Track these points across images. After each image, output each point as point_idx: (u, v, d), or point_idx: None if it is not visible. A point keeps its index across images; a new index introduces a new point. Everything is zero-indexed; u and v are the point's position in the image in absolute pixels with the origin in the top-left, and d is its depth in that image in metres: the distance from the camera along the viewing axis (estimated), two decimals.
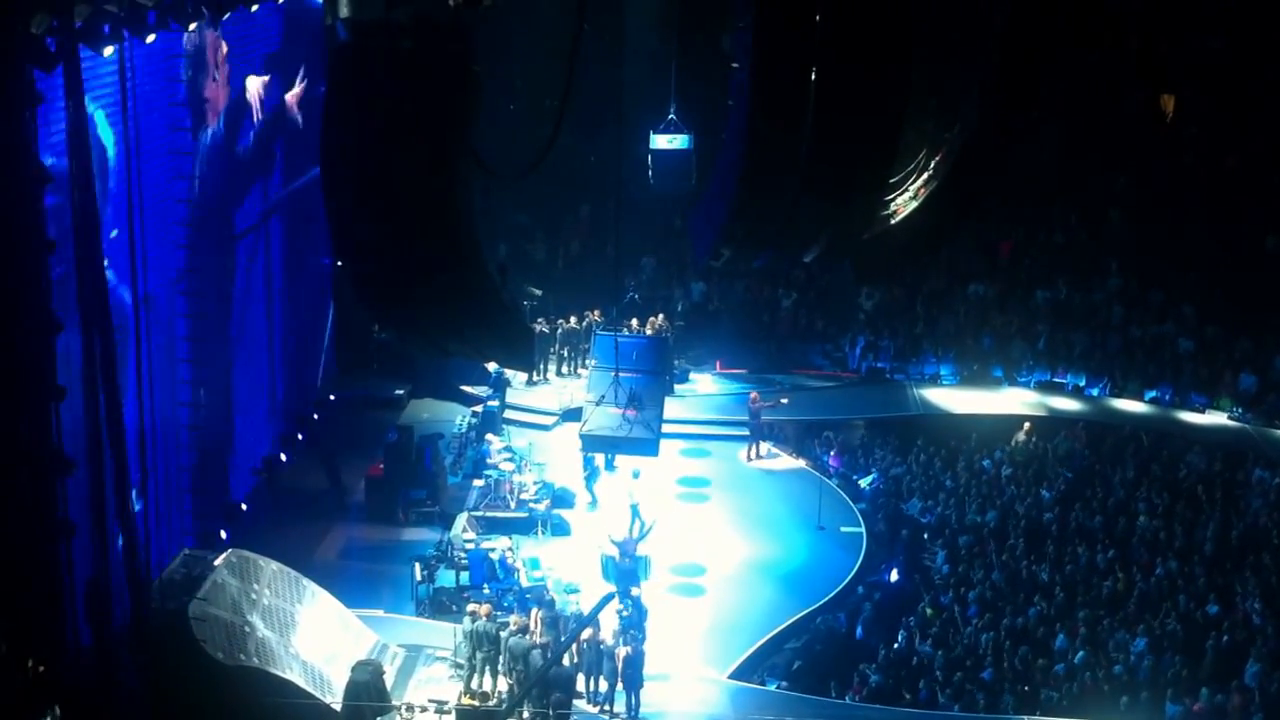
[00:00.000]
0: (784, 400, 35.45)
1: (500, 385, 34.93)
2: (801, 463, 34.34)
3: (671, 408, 31.59)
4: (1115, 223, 42.46)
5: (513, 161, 18.49)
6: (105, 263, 16.55)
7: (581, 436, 27.02)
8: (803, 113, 17.16)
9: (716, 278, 41.20)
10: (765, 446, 34.68)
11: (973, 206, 23.53)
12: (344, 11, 18.10)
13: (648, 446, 26.90)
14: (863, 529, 31.18)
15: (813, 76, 16.91)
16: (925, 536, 31.15)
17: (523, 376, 36.09)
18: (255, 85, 26.42)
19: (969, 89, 21.49)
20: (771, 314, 41.87)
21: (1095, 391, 38.07)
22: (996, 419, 36.63)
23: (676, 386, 36.50)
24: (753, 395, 35.04)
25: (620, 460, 31.00)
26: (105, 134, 20.89)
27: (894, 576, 29.32)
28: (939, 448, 35.03)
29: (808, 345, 41.07)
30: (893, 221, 21.69)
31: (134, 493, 16.66)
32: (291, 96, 29.89)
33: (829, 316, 41.67)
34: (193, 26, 20.82)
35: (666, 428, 28.71)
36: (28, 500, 15.26)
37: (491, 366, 33.85)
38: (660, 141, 28.18)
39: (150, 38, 18.79)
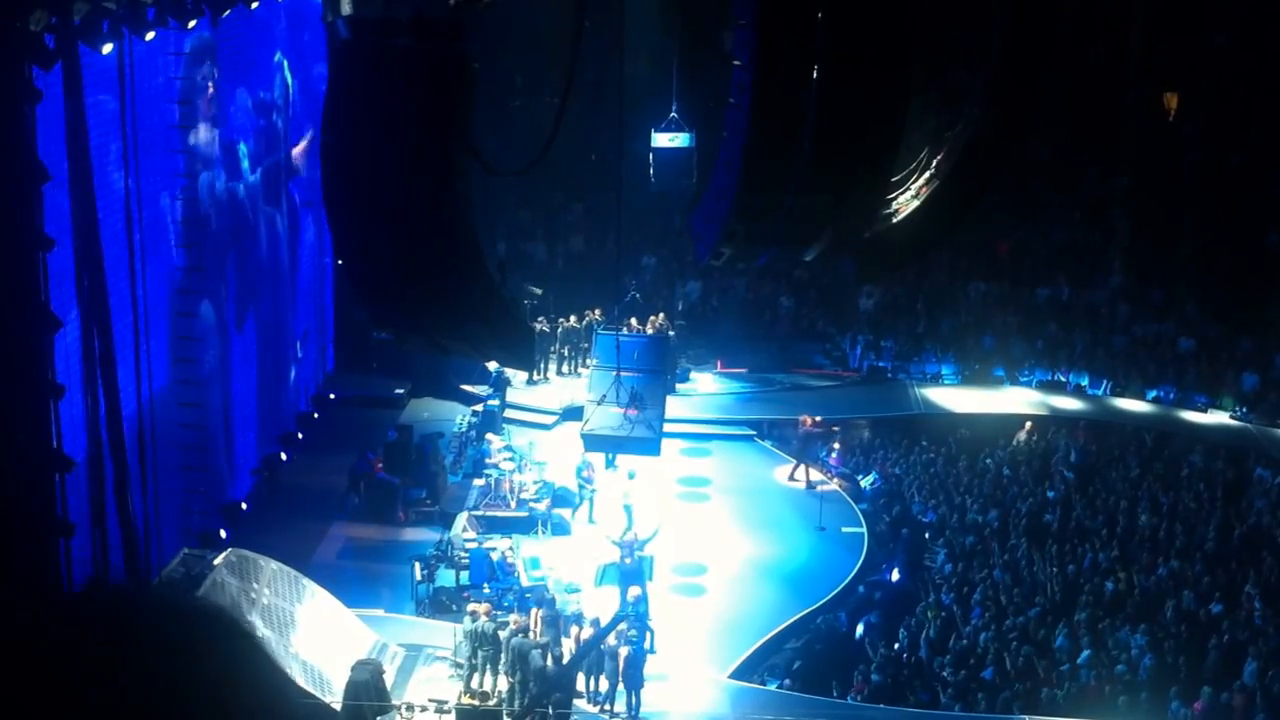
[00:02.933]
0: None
1: (500, 384, 34.87)
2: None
3: (673, 407, 31.53)
4: (1117, 221, 42.42)
5: (513, 159, 18.45)
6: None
7: (583, 436, 26.93)
8: (804, 111, 17.11)
9: (717, 277, 41.16)
10: (813, 472, 33.33)
11: (974, 205, 23.51)
12: (345, 9, 18.06)
13: (649, 446, 26.81)
14: (864, 529, 31.13)
15: (814, 74, 16.86)
16: (926, 536, 31.10)
17: (523, 375, 36.01)
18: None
19: (971, 87, 21.49)
20: (772, 313, 41.85)
21: (1097, 391, 38.05)
22: (998, 418, 36.61)
23: (678, 385, 36.45)
24: (803, 419, 34.06)
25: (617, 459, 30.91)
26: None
27: (895, 576, 29.26)
28: (940, 447, 34.99)
29: (808, 344, 41.05)
30: (894, 220, 21.67)
31: (133, 492, 16.60)
32: (298, 151, 29.93)
33: (830, 316, 41.63)
34: (192, 24, 20.77)
35: (668, 427, 28.65)
36: (27, 499, 15.23)
37: (492, 366, 33.77)
38: (661, 140, 28.18)
39: (149, 35, 18.75)
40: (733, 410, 37.18)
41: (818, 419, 34.11)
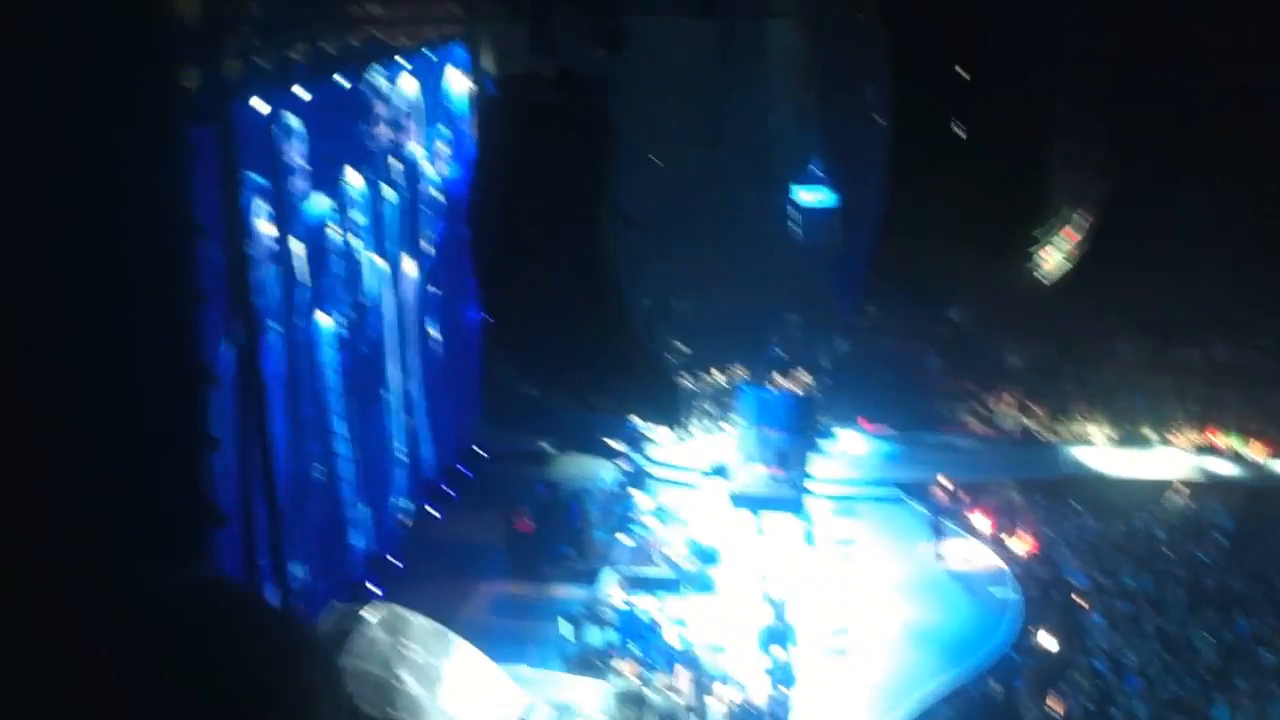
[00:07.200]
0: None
1: (640, 441, 34.83)
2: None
3: (817, 465, 31.40)
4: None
5: (654, 212, 18.58)
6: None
7: (730, 495, 26.94)
8: (946, 167, 17.06)
9: (862, 333, 40.97)
10: (955, 544, 32.12)
11: (1116, 261, 23.26)
12: (490, 66, 18.42)
13: (793, 505, 26.79)
14: (1015, 593, 30.66)
15: (955, 129, 16.81)
16: (1079, 601, 30.54)
17: (668, 432, 36.07)
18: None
19: (1113, 143, 21.29)
20: (918, 370, 41.47)
21: (1250, 453, 37.28)
22: (1149, 482, 35.94)
23: (821, 443, 36.28)
24: (934, 489, 33.15)
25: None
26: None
27: (1044, 641, 28.75)
28: (1090, 509, 34.44)
29: (954, 402, 40.60)
30: (1037, 275, 21.50)
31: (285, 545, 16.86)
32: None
33: (976, 374, 41.15)
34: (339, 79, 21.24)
35: (812, 485, 28.55)
36: (181, 553, 15.50)
37: (637, 422, 33.82)
38: (805, 195, 28.23)
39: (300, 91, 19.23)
40: (878, 469, 36.89)
41: (947, 484, 33.49)
